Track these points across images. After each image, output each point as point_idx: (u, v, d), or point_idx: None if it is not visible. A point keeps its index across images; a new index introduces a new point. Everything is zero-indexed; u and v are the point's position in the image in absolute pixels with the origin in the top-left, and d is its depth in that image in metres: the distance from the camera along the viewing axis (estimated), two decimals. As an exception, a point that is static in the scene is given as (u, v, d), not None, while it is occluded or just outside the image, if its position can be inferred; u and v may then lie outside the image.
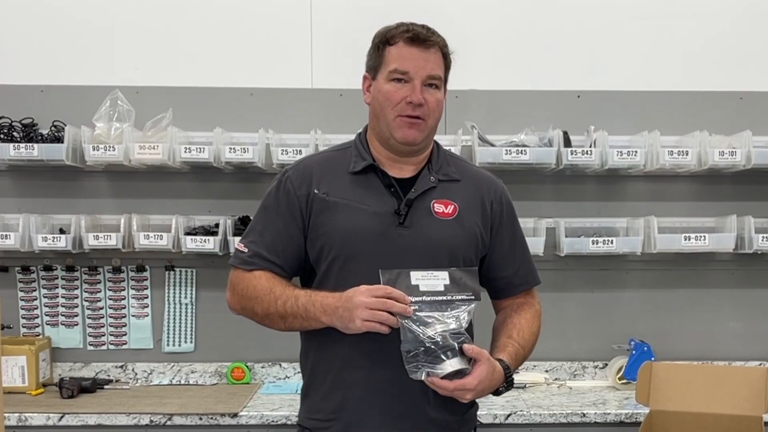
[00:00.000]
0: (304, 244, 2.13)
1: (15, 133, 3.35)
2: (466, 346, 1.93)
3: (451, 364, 1.91)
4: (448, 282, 1.98)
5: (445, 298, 1.96)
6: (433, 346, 1.90)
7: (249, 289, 2.11)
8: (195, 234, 3.33)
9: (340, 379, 2.08)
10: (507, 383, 2.05)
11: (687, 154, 3.28)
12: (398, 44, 2.08)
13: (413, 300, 1.92)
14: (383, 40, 2.11)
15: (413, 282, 1.96)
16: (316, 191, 2.11)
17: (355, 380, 2.07)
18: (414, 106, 2.06)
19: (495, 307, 2.29)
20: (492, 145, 3.34)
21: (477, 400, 2.14)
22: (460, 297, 1.97)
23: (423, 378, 1.93)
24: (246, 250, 2.15)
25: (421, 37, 2.07)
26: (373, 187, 2.11)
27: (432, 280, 1.97)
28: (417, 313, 1.92)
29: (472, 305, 1.98)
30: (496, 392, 2.05)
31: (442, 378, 1.92)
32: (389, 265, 2.00)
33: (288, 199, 2.13)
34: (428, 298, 1.95)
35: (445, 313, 1.94)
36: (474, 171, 2.27)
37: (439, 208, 2.11)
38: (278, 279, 2.11)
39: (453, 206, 2.12)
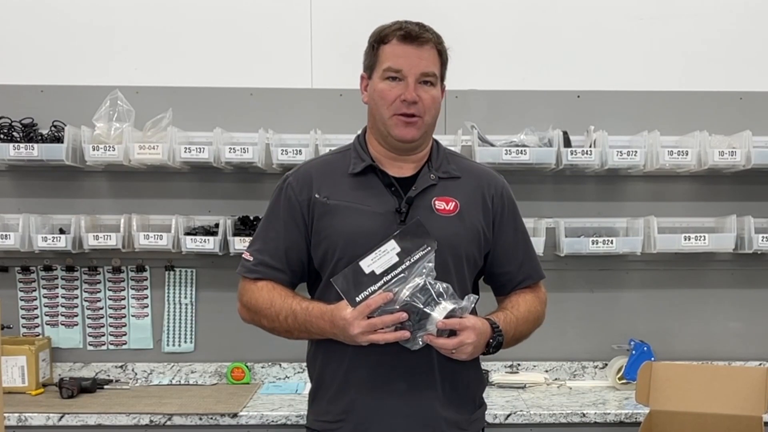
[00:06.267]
0: (307, 249, 2.13)
1: (15, 133, 3.35)
2: (439, 322, 1.90)
3: (439, 312, 1.90)
4: (398, 249, 1.96)
5: (404, 266, 1.94)
6: (412, 310, 1.90)
7: (252, 301, 2.13)
8: (195, 234, 3.33)
9: (347, 381, 2.08)
10: (496, 336, 2.03)
11: (687, 154, 3.28)
12: (392, 42, 2.08)
13: (375, 289, 1.92)
14: (378, 39, 2.11)
15: (367, 271, 1.94)
16: (317, 196, 2.11)
17: (363, 382, 2.07)
18: (408, 104, 2.05)
19: (499, 304, 2.26)
20: (492, 145, 3.34)
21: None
22: (417, 256, 1.95)
23: (421, 343, 1.92)
24: (251, 258, 2.16)
25: (413, 34, 2.06)
26: (374, 187, 2.11)
27: (384, 257, 1.95)
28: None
29: (431, 252, 1.96)
30: (488, 348, 2.03)
31: (438, 335, 1.91)
32: None
33: (290, 205, 2.13)
34: (389, 277, 1.93)
35: (411, 277, 1.93)
36: (474, 167, 2.27)
37: (440, 205, 2.11)
38: (278, 290, 2.11)
39: (454, 203, 2.12)
